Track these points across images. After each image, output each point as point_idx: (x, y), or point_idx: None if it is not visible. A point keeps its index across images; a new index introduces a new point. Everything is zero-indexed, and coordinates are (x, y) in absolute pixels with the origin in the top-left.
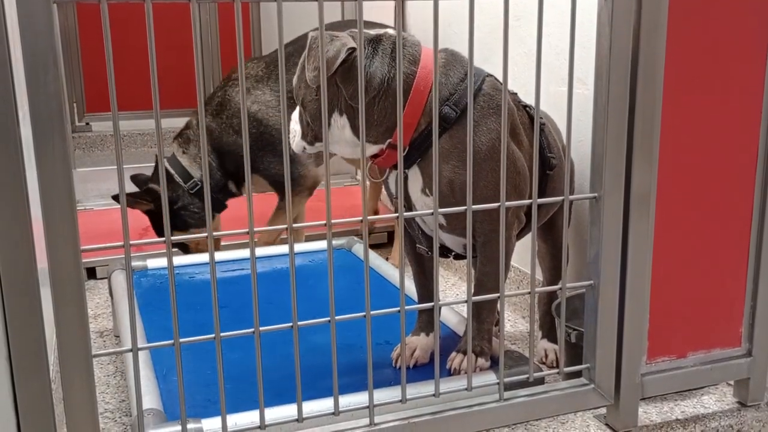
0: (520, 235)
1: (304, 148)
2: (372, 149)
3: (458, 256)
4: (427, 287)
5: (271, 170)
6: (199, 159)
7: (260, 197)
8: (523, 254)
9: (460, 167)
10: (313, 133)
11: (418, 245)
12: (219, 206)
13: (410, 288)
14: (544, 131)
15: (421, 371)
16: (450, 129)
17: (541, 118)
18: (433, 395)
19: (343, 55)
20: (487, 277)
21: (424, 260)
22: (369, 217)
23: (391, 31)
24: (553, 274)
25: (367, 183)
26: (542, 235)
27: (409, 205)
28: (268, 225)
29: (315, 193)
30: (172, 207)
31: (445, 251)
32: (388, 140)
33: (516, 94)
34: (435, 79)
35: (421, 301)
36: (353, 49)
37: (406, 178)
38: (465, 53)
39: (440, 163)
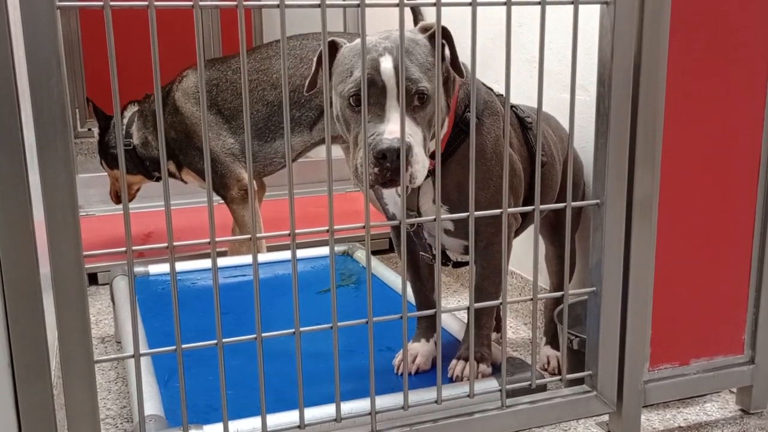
0: (516, 232)
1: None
2: None
3: (457, 264)
4: (424, 294)
5: (197, 165)
6: (143, 131)
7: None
8: (527, 261)
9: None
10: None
11: (421, 253)
12: (147, 174)
13: (411, 294)
14: (531, 128)
15: (423, 378)
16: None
17: (528, 116)
18: (435, 402)
19: None
20: (488, 282)
21: (421, 268)
22: (371, 223)
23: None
24: (560, 278)
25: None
26: (549, 238)
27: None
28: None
29: (316, 199)
30: (107, 144)
31: (444, 259)
32: None
33: (501, 95)
34: (438, 85)
35: (418, 309)
36: None
37: (417, 190)
38: (468, 60)
39: (459, 170)
